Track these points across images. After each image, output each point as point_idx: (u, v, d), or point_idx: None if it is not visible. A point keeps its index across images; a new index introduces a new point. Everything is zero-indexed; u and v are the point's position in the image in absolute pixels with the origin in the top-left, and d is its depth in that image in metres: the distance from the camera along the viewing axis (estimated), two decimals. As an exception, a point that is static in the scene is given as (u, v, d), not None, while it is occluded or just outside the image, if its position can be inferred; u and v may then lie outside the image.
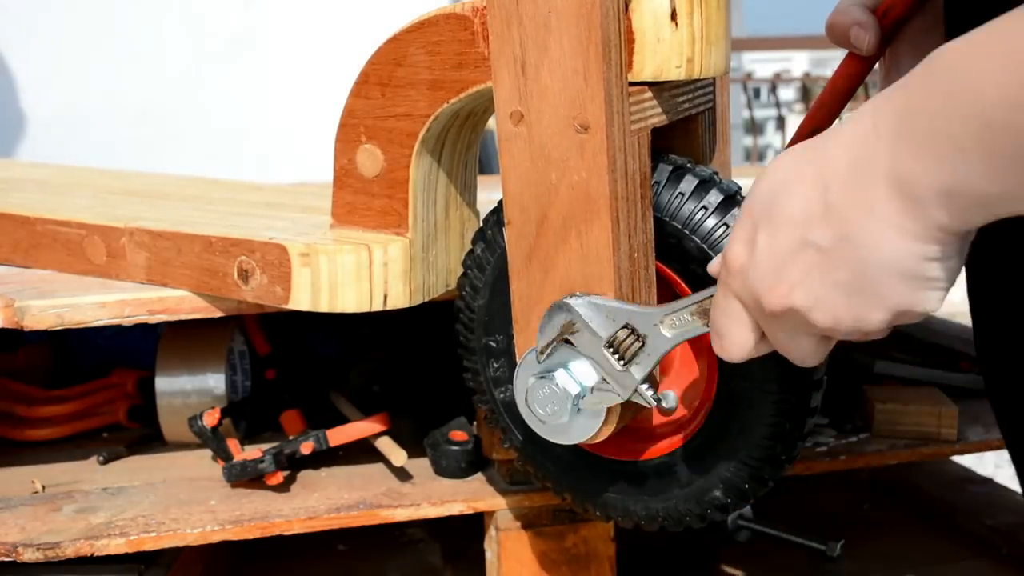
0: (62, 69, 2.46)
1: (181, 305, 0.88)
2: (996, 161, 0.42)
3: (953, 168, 0.44)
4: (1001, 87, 0.41)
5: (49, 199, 1.09)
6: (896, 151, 0.46)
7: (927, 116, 0.44)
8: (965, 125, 0.43)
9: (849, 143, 0.48)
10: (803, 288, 0.51)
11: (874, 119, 0.47)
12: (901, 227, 0.47)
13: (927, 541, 1.24)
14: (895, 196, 0.46)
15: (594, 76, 0.63)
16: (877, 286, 0.49)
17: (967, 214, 0.45)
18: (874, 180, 0.47)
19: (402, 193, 0.80)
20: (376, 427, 0.99)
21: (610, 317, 0.66)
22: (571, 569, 0.95)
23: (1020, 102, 0.40)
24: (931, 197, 0.45)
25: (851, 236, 0.48)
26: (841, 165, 0.48)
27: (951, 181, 0.44)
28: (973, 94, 0.42)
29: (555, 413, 0.68)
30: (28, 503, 0.94)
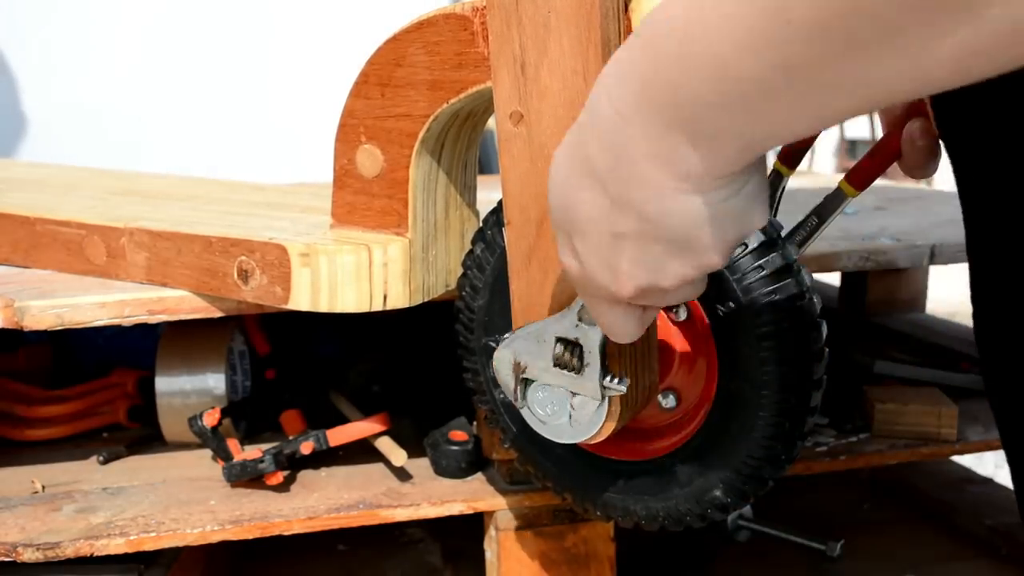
0: (62, 69, 2.46)
1: (181, 305, 0.88)
2: (743, 105, 0.43)
3: (702, 124, 0.45)
4: (728, 34, 0.41)
5: (49, 199, 1.09)
6: (647, 126, 0.47)
7: (667, 85, 0.45)
8: (704, 81, 0.44)
9: (601, 136, 0.49)
10: (638, 270, 0.53)
11: (614, 106, 0.48)
12: (681, 190, 0.48)
13: (927, 541, 1.24)
14: (661, 167, 0.48)
15: (594, 76, 0.63)
16: (694, 239, 0.50)
17: (731, 157, 0.47)
18: (639, 163, 0.48)
19: (402, 193, 0.80)
20: (376, 427, 0.99)
21: (539, 339, 0.67)
22: (571, 569, 0.95)
23: (748, 43, 0.41)
24: (691, 155, 0.47)
25: (646, 215, 0.50)
26: (605, 164, 0.50)
27: (704, 136, 0.46)
28: (707, 50, 0.43)
29: (555, 413, 0.68)
30: (28, 503, 0.94)
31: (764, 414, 0.69)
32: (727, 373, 0.71)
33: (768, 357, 0.68)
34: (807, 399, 0.70)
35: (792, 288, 0.68)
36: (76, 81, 2.47)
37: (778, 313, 0.68)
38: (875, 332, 1.42)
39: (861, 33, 0.37)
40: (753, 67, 0.41)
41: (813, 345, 0.69)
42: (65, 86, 2.46)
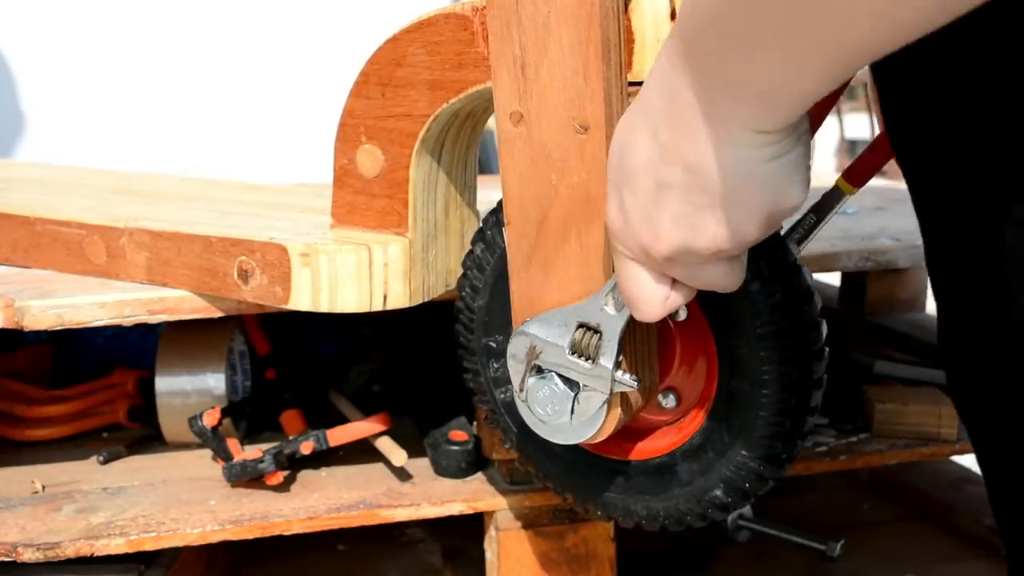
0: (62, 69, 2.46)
1: (181, 305, 0.88)
2: (741, 52, 0.46)
3: (717, 74, 0.48)
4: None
5: (49, 199, 1.09)
6: (686, 78, 0.49)
7: (689, 38, 0.48)
8: (706, 32, 0.46)
9: (658, 86, 0.52)
10: (676, 225, 0.54)
11: (668, 57, 0.51)
12: (728, 142, 0.49)
13: (927, 541, 1.24)
14: (707, 119, 0.49)
15: (594, 76, 0.63)
16: (736, 199, 0.51)
17: (781, 110, 0.48)
18: (688, 111, 0.50)
19: (402, 193, 0.80)
20: (376, 427, 0.99)
21: (562, 323, 0.67)
22: (571, 569, 0.95)
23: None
24: (725, 107, 0.48)
25: (691, 165, 0.51)
26: (659, 109, 0.52)
27: (723, 86, 0.48)
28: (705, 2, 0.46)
29: (556, 413, 0.68)
30: (28, 503, 0.94)
31: (764, 414, 0.70)
32: (727, 373, 0.71)
33: (768, 356, 0.68)
34: (807, 399, 0.70)
35: (792, 287, 0.68)
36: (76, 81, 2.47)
37: (778, 312, 0.68)
38: (875, 332, 1.42)
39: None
40: (739, 15, 0.44)
41: (813, 345, 0.69)
42: (65, 86, 2.46)
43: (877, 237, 1.06)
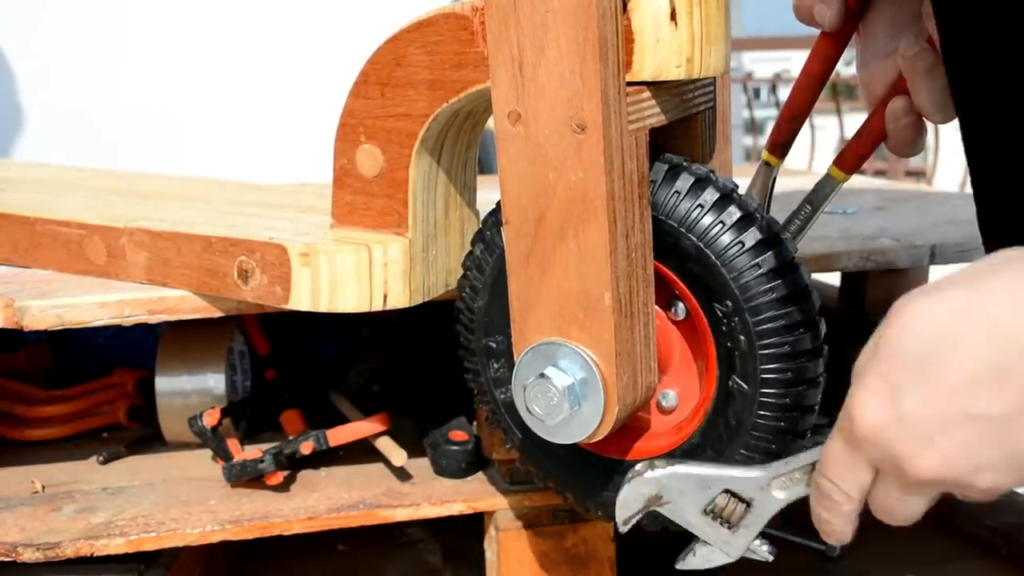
0: (62, 68, 2.46)
1: (181, 305, 0.88)
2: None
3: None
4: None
5: (49, 199, 1.09)
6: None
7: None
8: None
9: (1018, 315, 0.46)
10: (963, 457, 0.48)
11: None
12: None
13: (927, 541, 1.23)
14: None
15: (591, 76, 0.63)
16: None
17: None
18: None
19: (402, 193, 0.80)
20: (376, 427, 0.99)
21: (704, 485, 0.63)
22: (571, 569, 0.95)
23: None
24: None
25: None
26: (1017, 340, 0.46)
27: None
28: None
29: (552, 412, 0.69)
30: (28, 503, 0.94)
31: (764, 413, 0.70)
32: (726, 372, 0.71)
33: (767, 356, 0.68)
34: (806, 398, 0.70)
35: (790, 286, 0.68)
36: (76, 81, 2.47)
37: (776, 311, 0.68)
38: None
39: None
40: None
41: (812, 343, 0.69)
42: (65, 86, 2.46)
43: (877, 237, 1.06)
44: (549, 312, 0.69)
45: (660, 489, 0.64)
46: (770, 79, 5.54)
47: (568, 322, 0.68)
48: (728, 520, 0.63)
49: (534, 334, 0.70)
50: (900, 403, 0.49)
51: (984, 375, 0.46)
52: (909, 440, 0.49)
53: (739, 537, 0.62)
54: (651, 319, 0.71)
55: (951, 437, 0.48)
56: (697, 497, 0.63)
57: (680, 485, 0.63)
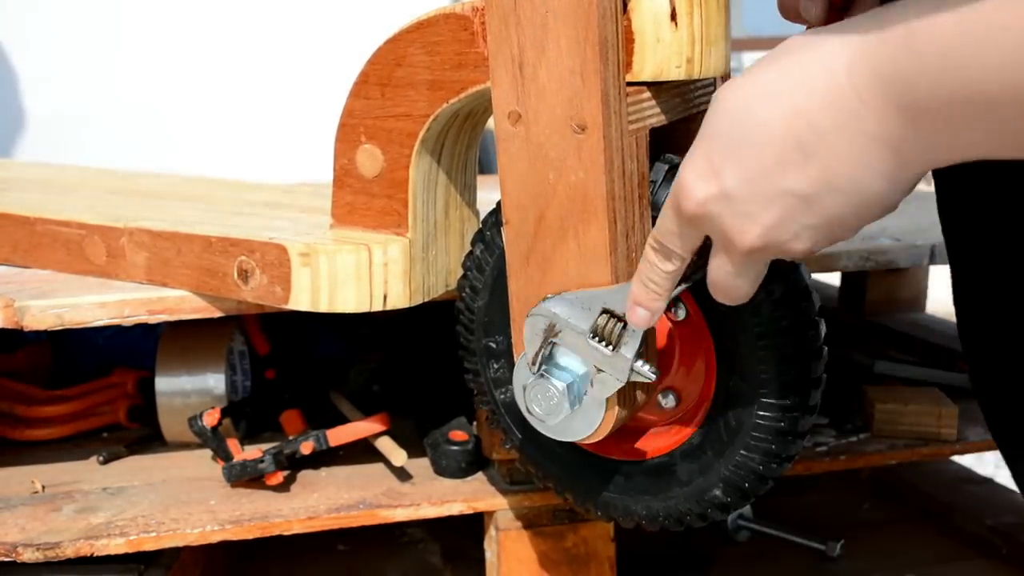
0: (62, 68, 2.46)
1: (181, 305, 0.88)
2: (997, 135, 0.44)
3: (942, 135, 0.46)
4: (1006, 74, 0.42)
5: (49, 199, 1.09)
6: (886, 118, 0.47)
7: (920, 92, 0.46)
8: (965, 106, 0.44)
9: (824, 99, 0.49)
10: (781, 227, 0.52)
11: (852, 82, 0.48)
12: (886, 174, 0.49)
13: (927, 541, 1.24)
14: (883, 152, 0.48)
15: (591, 76, 0.63)
16: (856, 218, 0.51)
17: (950, 160, 0.48)
18: (861, 138, 0.48)
19: (402, 193, 0.80)
20: (376, 427, 0.99)
21: (586, 307, 0.66)
22: (571, 569, 0.95)
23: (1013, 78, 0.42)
24: (918, 154, 0.48)
25: (833, 183, 0.50)
26: (822, 122, 0.49)
27: (941, 144, 0.47)
28: (975, 80, 0.43)
29: (554, 411, 0.68)
30: (28, 503, 0.94)
31: (763, 413, 0.70)
32: (726, 372, 0.71)
33: (766, 356, 0.68)
34: (806, 398, 0.70)
35: (790, 286, 0.68)
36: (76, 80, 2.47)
37: (776, 311, 0.68)
38: (875, 332, 1.42)
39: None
40: (1016, 92, 0.42)
41: (811, 343, 0.69)
42: (65, 85, 2.46)
43: (877, 237, 1.06)
44: None
45: (552, 318, 0.67)
46: (770, 79, 5.52)
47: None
48: (610, 340, 0.65)
49: (533, 335, 0.70)
50: (723, 182, 0.53)
51: (789, 155, 0.50)
52: (733, 215, 0.53)
53: (621, 356, 0.65)
54: (651, 319, 0.71)
55: (770, 211, 0.52)
56: (582, 320, 0.66)
57: (566, 312, 0.67)
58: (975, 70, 0.43)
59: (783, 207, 0.52)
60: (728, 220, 0.54)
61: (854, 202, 0.50)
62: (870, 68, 0.48)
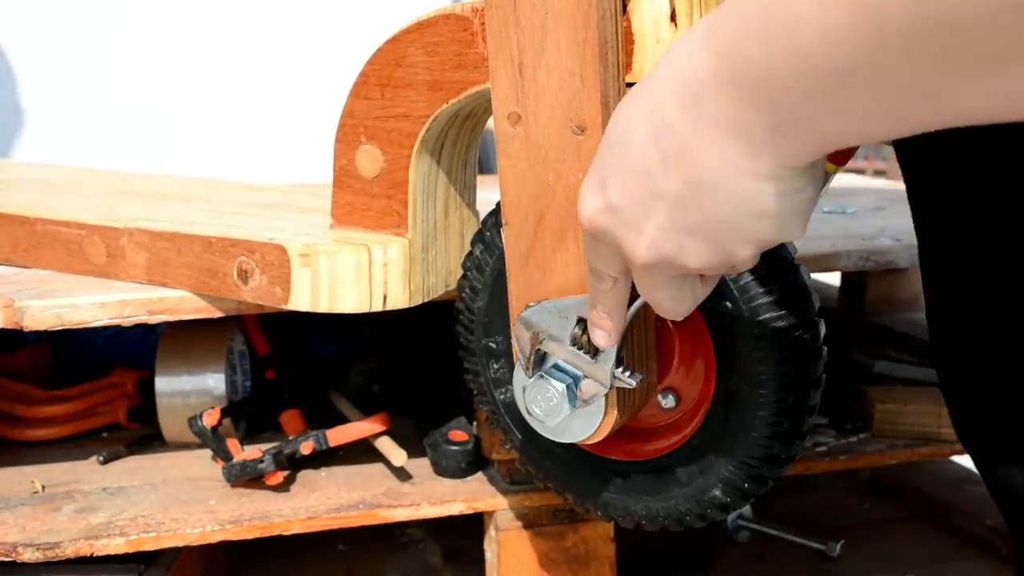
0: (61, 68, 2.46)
1: (181, 305, 0.88)
2: (823, 97, 0.41)
3: (779, 108, 0.43)
4: (818, 22, 0.39)
5: (49, 199, 1.09)
6: (722, 96, 0.45)
7: (748, 60, 0.43)
8: (786, 65, 0.41)
9: (673, 90, 0.47)
10: (664, 237, 0.50)
11: (692, 63, 0.46)
12: (742, 167, 0.46)
13: (927, 541, 1.24)
14: (730, 139, 0.45)
15: (591, 77, 0.63)
16: (735, 225, 0.48)
17: (803, 148, 0.45)
18: (706, 125, 0.46)
19: (402, 194, 0.80)
20: (376, 427, 0.99)
21: (562, 316, 0.66)
22: (571, 569, 0.95)
23: (838, 38, 0.39)
24: (765, 136, 0.44)
25: (696, 181, 0.48)
26: (671, 113, 0.47)
27: (780, 120, 0.44)
28: (793, 35, 0.41)
29: (554, 411, 0.69)
30: (28, 503, 0.94)
31: (763, 413, 0.70)
32: (725, 372, 0.71)
33: (766, 356, 0.68)
34: (806, 398, 0.70)
35: (789, 286, 0.68)
36: (76, 81, 2.47)
37: (775, 312, 0.68)
38: (875, 332, 1.42)
39: (956, 53, 0.36)
40: (838, 61, 0.39)
41: (811, 344, 0.69)
42: (65, 86, 2.46)
43: (877, 237, 1.06)
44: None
45: (533, 326, 0.67)
46: (770, 79, 5.53)
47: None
48: (589, 349, 0.65)
49: (533, 335, 0.70)
50: (608, 194, 0.52)
51: (652, 153, 0.49)
52: (622, 225, 0.52)
53: (601, 364, 0.65)
54: (650, 320, 0.71)
55: (651, 218, 0.50)
56: (560, 329, 0.66)
57: (546, 320, 0.67)
58: (794, 25, 0.40)
59: (661, 212, 0.50)
60: (619, 232, 0.52)
61: (725, 203, 0.47)
62: (703, 46, 0.45)
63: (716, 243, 0.50)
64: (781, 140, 0.44)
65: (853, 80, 0.39)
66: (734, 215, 0.48)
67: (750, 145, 0.45)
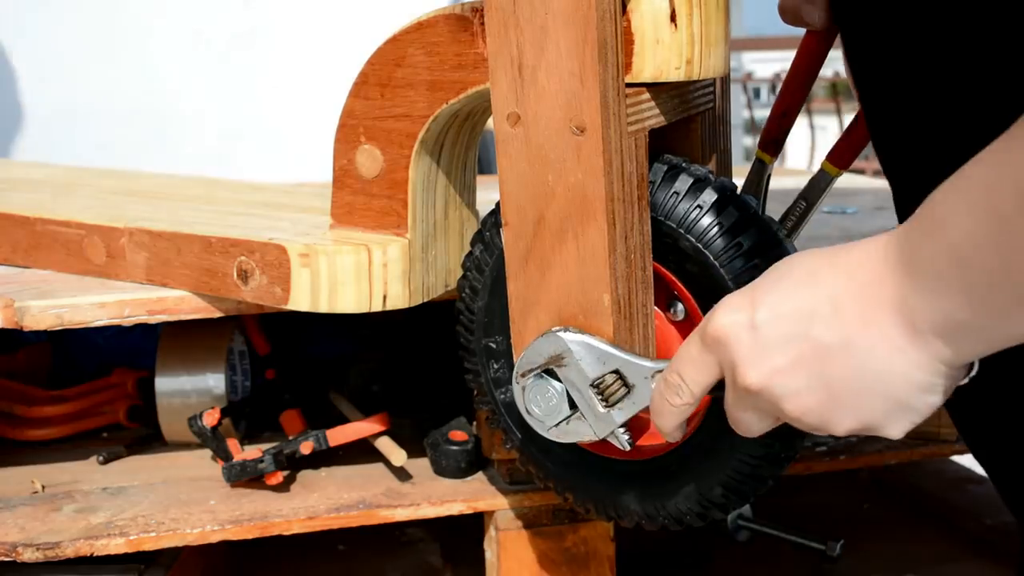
0: (61, 68, 2.46)
1: (181, 305, 0.88)
2: (974, 295, 0.45)
3: (941, 301, 0.47)
4: (966, 226, 0.44)
5: (49, 199, 1.09)
6: (899, 281, 0.48)
7: (918, 251, 0.47)
8: (944, 260, 0.46)
9: (862, 262, 0.51)
10: (786, 375, 0.53)
11: (886, 246, 0.50)
12: (903, 350, 0.49)
13: (927, 541, 1.24)
14: (899, 322, 0.49)
15: (590, 78, 0.63)
16: (860, 396, 0.51)
17: (965, 346, 0.48)
18: (881, 304, 0.49)
19: (401, 194, 0.80)
20: (376, 427, 0.99)
21: (601, 360, 0.67)
22: (571, 569, 0.95)
23: (983, 241, 0.43)
24: (929, 328, 0.48)
25: (853, 343, 0.50)
26: (854, 283, 0.50)
27: (943, 314, 0.47)
28: (945, 231, 0.46)
29: (553, 412, 0.69)
30: (28, 503, 0.94)
31: (763, 414, 0.69)
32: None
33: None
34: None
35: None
36: (75, 80, 2.47)
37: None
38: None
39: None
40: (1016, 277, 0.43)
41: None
42: (64, 85, 2.46)
43: (877, 237, 1.05)
44: (548, 313, 0.69)
45: (564, 351, 0.67)
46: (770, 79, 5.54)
47: (567, 323, 0.68)
48: (608, 399, 0.66)
49: (533, 335, 0.70)
50: (756, 314, 0.54)
51: (823, 305, 0.51)
52: (750, 347, 0.54)
53: (610, 418, 0.66)
54: (650, 320, 0.71)
55: (786, 352, 0.52)
56: (592, 369, 0.67)
57: (581, 353, 0.67)
58: (951, 227, 0.45)
59: (799, 352, 0.52)
60: (744, 349, 0.54)
61: (864, 371, 0.50)
62: (899, 231, 0.49)
63: (828, 404, 0.52)
64: (941, 332, 0.48)
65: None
66: (867, 386, 0.51)
67: (914, 332, 0.48)
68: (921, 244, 0.47)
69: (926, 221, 0.47)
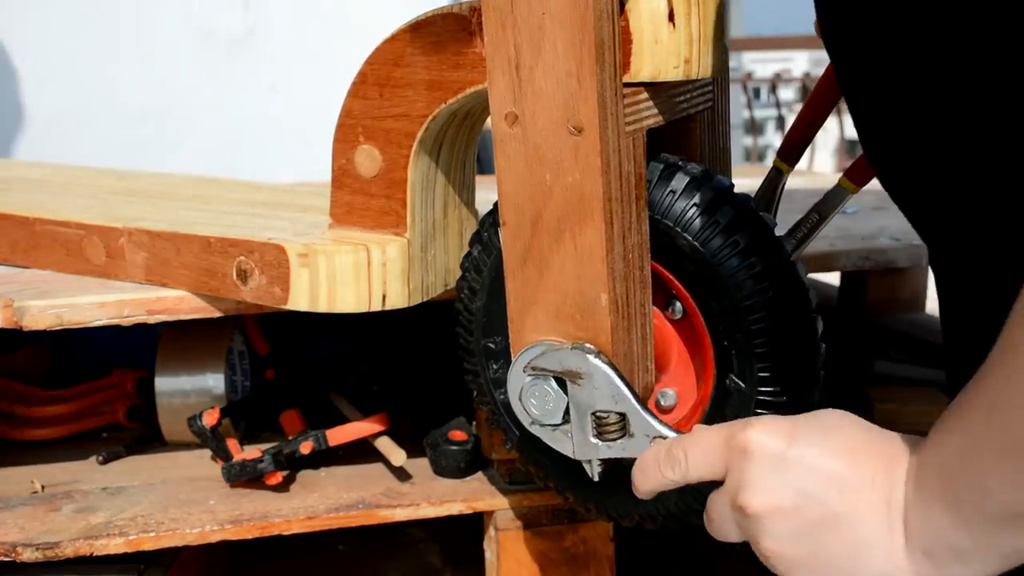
0: (62, 68, 2.46)
1: (180, 305, 0.88)
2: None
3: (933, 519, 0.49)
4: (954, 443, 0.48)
5: (48, 199, 1.09)
6: (899, 488, 0.51)
7: (928, 477, 0.50)
8: (935, 476, 0.49)
9: (899, 458, 0.53)
10: (782, 518, 0.54)
11: (918, 479, 0.51)
12: (887, 552, 0.51)
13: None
14: (891, 521, 0.51)
15: (588, 78, 0.63)
16: (835, 574, 0.53)
17: (952, 569, 0.50)
18: (883, 503, 0.52)
19: (400, 193, 0.80)
20: (376, 427, 0.99)
21: (615, 399, 0.67)
22: (570, 569, 0.95)
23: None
24: (920, 545, 0.50)
25: (857, 528, 0.52)
26: (878, 496, 0.52)
27: (934, 532, 0.50)
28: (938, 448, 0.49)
29: (549, 414, 0.69)
30: (28, 503, 0.94)
31: (762, 412, 0.69)
32: (723, 371, 0.71)
33: (763, 354, 0.68)
34: (804, 396, 0.70)
35: (787, 285, 0.68)
36: (76, 80, 2.47)
37: (773, 309, 0.68)
38: (875, 332, 1.41)
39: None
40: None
41: (809, 342, 0.69)
42: (65, 85, 2.46)
43: (877, 237, 1.06)
44: (546, 313, 0.69)
45: (586, 373, 0.67)
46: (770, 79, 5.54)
47: (565, 323, 0.68)
48: (601, 434, 0.67)
49: (532, 335, 0.70)
50: (792, 449, 0.54)
51: (852, 483, 0.53)
52: (767, 475, 0.54)
53: (595, 449, 0.67)
54: (648, 319, 0.71)
55: (792, 499, 0.53)
56: (602, 401, 0.67)
57: (602, 383, 0.67)
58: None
59: (807, 506, 0.53)
60: (761, 473, 0.55)
61: (853, 558, 0.52)
62: (921, 457, 0.51)
63: (808, 565, 0.54)
64: (950, 564, 0.50)
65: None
66: (848, 571, 0.53)
67: (912, 556, 0.51)
68: (924, 460, 0.50)
69: (931, 437, 0.50)
